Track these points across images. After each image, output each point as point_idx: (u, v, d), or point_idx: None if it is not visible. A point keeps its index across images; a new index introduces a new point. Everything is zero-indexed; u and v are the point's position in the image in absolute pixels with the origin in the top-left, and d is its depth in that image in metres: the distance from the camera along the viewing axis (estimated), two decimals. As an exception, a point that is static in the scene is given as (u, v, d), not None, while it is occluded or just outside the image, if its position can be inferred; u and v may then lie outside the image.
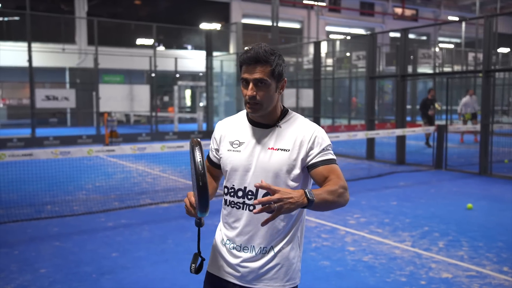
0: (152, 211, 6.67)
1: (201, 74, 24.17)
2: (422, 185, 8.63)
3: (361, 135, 10.25)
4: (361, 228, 5.77)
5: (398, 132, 10.42)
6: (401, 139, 11.22)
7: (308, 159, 1.91)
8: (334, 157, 1.95)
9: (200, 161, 1.68)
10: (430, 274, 4.30)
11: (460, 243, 5.17)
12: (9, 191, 7.67)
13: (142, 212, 6.64)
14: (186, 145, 7.60)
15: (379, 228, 5.79)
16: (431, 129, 11.16)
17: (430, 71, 22.21)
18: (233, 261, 1.97)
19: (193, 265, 1.99)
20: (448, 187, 8.48)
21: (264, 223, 1.68)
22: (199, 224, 1.95)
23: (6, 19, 22.19)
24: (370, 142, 11.90)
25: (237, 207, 1.96)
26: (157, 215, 6.46)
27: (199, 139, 1.77)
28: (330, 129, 16.47)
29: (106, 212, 6.55)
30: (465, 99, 14.84)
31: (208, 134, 18.26)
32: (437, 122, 12.84)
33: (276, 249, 1.92)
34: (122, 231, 5.66)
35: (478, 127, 11.59)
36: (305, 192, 1.66)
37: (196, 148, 1.71)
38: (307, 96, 17.01)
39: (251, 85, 1.87)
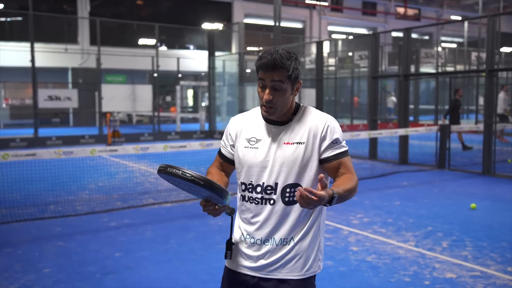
0: (155, 211, 6.67)
1: (203, 74, 24.17)
2: (425, 185, 8.61)
3: (364, 134, 10.23)
4: (364, 228, 5.75)
5: (401, 132, 10.41)
6: (404, 139, 11.20)
7: (321, 151, 1.95)
8: (346, 147, 2.02)
9: (181, 172, 1.72)
10: (434, 274, 4.28)
11: (464, 243, 5.15)
12: (12, 191, 7.68)
13: (145, 212, 6.64)
14: (189, 145, 7.60)
15: (383, 228, 5.77)
16: (434, 129, 11.12)
17: (432, 70, 22.17)
18: (253, 254, 2.00)
19: (229, 252, 2.04)
20: (451, 187, 8.46)
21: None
22: (230, 213, 2.01)
23: (9, 19, 22.24)
24: (373, 142, 11.89)
25: (256, 202, 1.99)
26: (160, 215, 6.46)
27: (162, 165, 1.79)
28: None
29: (109, 212, 6.55)
30: (501, 95, 14.40)
31: (210, 134, 18.25)
32: (440, 122, 12.79)
33: (296, 240, 1.97)
34: (125, 231, 5.66)
35: (481, 126, 11.55)
36: (332, 198, 1.73)
37: (168, 169, 1.75)
38: (310, 96, 17.00)
39: (267, 89, 1.90)
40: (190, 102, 29.31)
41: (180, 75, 22.94)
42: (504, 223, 6.00)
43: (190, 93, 28.89)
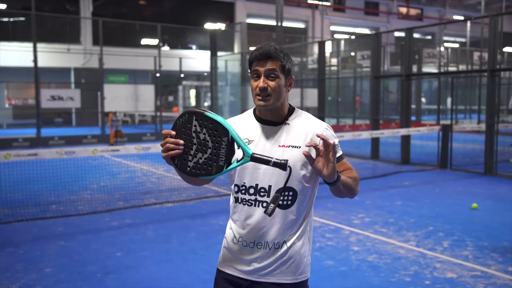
0: (157, 211, 6.68)
1: (205, 74, 24.19)
2: (427, 185, 8.60)
3: (366, 134, 10.23)
4: (365, 228, 5.76)
5: (403, 131, 10.40)
6: (406, 139, 11.19)
7: None
8: (342, 152, 2.01)
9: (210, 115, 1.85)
10: (434, 274, 4.28)
11: (465, 243, 5.15)
12: (14, 190, 7.70)
13: (146, 211, 6.65)
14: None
15: (384, 227, 5.77)
16: (436, 128, 11.11)
17: (435, 70, 22.14)
18: (246, 257, 1.98)
19: (272, 205, 1.83)
20: (453, 186, 8.45)
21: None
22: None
23: (11, 19, 22.29)
24: (375, 141, 11.88)
25: (249, 204, 1.96)
26: (162, 214, 6.48)
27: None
28: (334, 129, 16.43)
29: (111, 212, 6.57)
30: None
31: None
32: (442, 122, 12.77)
33: (288, 244, 1.95)
34: (127, 231, 5.67)
35: (483, 126, 11.53)
36: (338, 175, 1.81)
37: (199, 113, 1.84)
38: (312, 96, 17.00)
39: (262, 77, 1.91)
40: (193, 102, 29.32)
41: (182, 75, 22.98)
42: (505, 223, 5.99)
43: (192, 93, 28.89)
